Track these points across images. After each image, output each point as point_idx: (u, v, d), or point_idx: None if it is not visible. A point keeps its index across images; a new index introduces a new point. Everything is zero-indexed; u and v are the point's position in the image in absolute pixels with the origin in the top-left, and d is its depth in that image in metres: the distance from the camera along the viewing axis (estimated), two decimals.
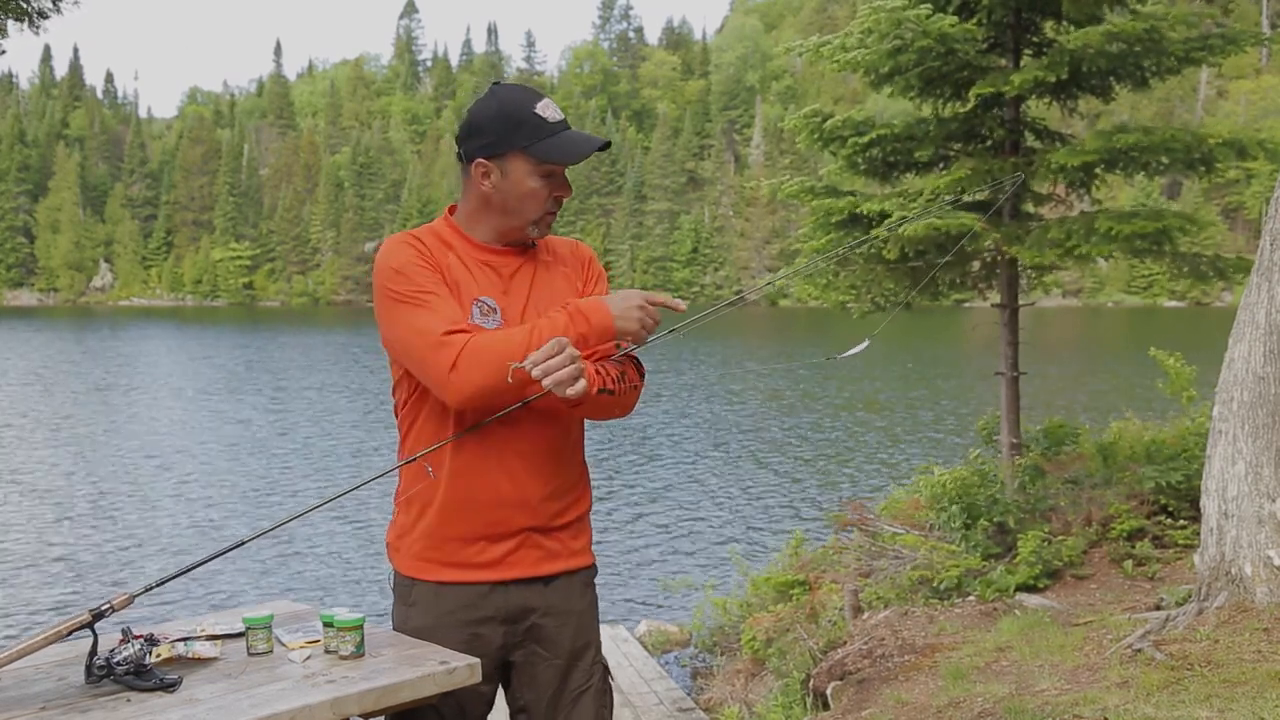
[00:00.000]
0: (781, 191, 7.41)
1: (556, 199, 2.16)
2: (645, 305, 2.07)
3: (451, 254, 2.14)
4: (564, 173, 2.15)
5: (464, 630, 2.15)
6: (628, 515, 13.17)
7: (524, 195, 2.12)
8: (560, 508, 2.20)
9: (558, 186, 2.14)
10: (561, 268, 2.25)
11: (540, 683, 2.22)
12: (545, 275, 2.22)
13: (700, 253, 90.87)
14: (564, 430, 2.19)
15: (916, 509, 7.76)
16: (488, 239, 2.18)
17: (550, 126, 2.10)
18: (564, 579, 2.22)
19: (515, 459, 2.13)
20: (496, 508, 2.13)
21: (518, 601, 2.18)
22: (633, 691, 6.32)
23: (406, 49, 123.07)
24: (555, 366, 1.89)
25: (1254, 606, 4.03)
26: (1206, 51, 6.57)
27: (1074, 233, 6.38)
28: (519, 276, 2.18)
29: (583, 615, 2.25)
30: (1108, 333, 48.98)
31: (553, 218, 2.19)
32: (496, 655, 2.18)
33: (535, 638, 2.21)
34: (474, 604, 2.16)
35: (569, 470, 2.22)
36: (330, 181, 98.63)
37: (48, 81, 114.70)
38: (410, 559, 2.21)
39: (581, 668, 2.24)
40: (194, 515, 13.33)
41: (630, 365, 2.15)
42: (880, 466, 16.08)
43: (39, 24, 6.04)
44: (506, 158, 2.10)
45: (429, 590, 2.18)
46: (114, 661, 1.85)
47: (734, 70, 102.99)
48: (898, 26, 6.36)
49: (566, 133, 2.12)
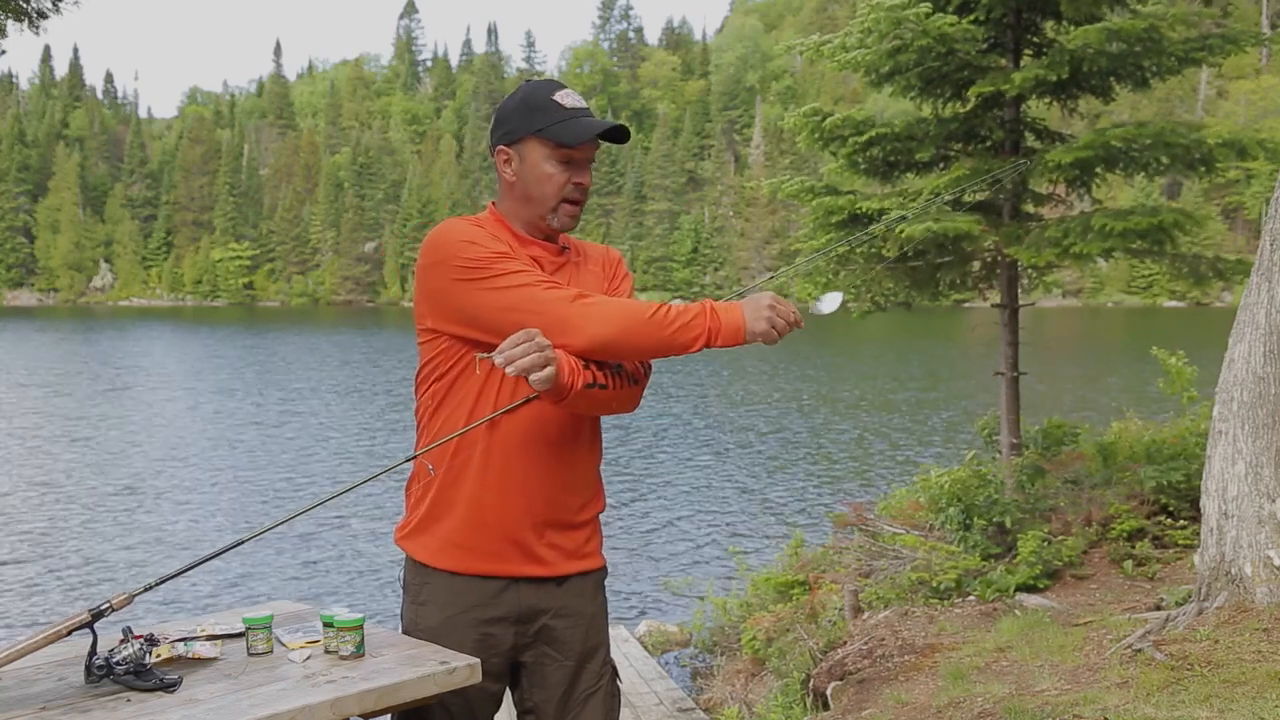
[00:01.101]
0: (781, 191, 7.40)
1: (576, 185, 2.16)
2: (775, 305, 2.09)
3: (502, 243, 2.17)
4: (585, 160, 2.16)
5: (475, 629, 2.15)
6: (628, 515, 13.17)
7: (540, 179, 2.14)
8: (578, 506, 2.21)
9: (576, 173, 2.15)
10: (591, 267, 2.28)
11: (550, 684, 2.22)
12: (578, 275, 2.23)
13: (700, 253, 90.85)
14: (584, 429, 2.20)
15: (916, 509, 7.77)
16: (525, 232, 2.21)
17: (566, 112, 2.12)
18: (577, 580, 2.23)
19: (539, 454, 2.14)
20: (518, 501, 2.13)
21: (530, 601, 2.18)
22: (633, 691, 6.32)
23: (406, 49, 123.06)
24: (519, 355, 1.88)
25: (1254, 606, 4.03)
26: (1206, 51, 6.56)
27: (1071, 231, 6.37)
28: (560, 274, 2.20)
29: (594, 617, 2.26)
30: (1108, 333, 48.97)
31: (574, 208, 2.19)
32: (507, 655, 2.19)
33: (546, 639, 2.21)
34: (486, 603, 2.16)
35: (587, 470, 2.24)
36: (330, 181, 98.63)
37: (48, 81, 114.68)
38: (429, 547, 2.19)
39: (591, 669, 2.25)
40: (194, 515, 13.33)
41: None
42: (880, 466, 16.08)
43: (39, 24, 6.04)
44: (524, 143, 2.14)
45: (443, 584, 2.17)
46: (114, 661, 1.85)
47: (734, 70, 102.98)
48: (897, 26, 6.35)
49: (581, 118, 2.13)
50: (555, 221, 2.18)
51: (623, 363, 2.11)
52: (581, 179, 2.16)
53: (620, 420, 19.42)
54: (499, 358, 1.89)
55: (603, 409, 2.15)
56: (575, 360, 2.01)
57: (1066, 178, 6.75)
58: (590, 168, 2.19)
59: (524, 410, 2.09)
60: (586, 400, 2.05)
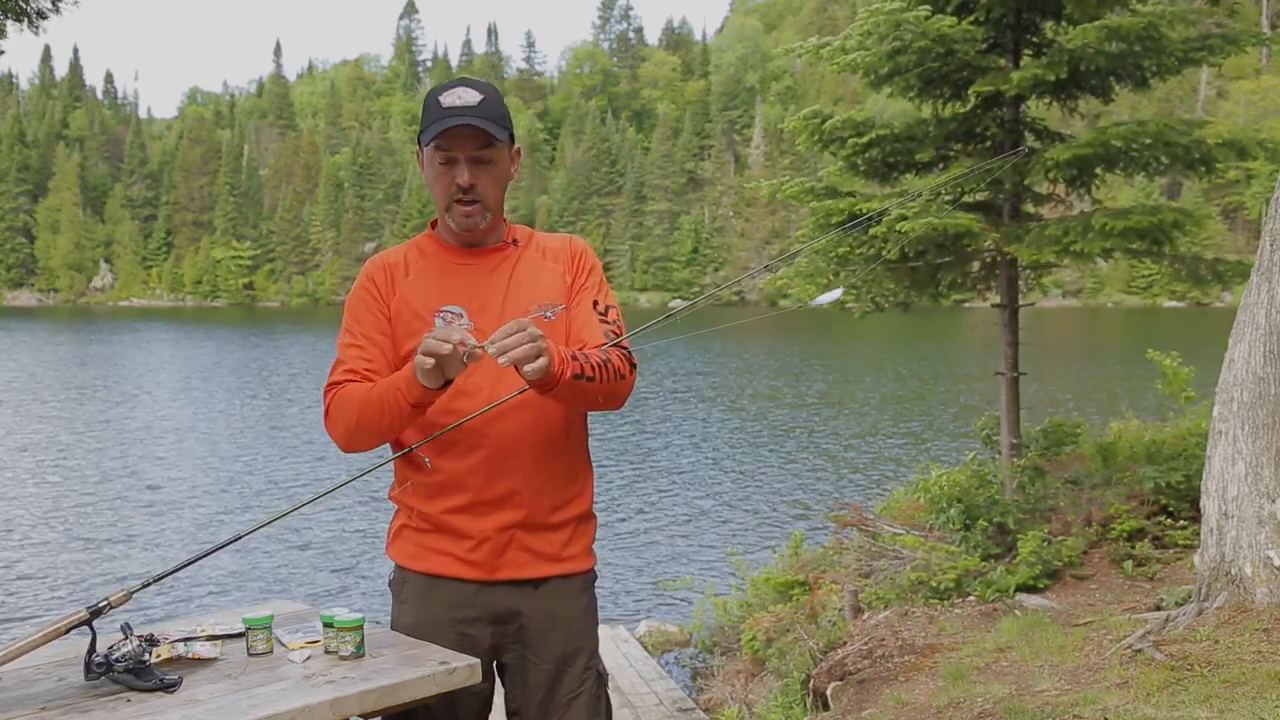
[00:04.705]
0: (781, 192, 7.40)
1: (459, 187, 2.12)
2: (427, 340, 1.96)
3: (419, 267, 2.20)
4: (469, 159, 2.11)
5: (453, 629, 2.15)
6: (628, 515, 13.17)
7: (431, 182, 2.18)
8: (553, 505, 2.19)
9: (458, 172, 2.11)
10: (550, 264, 2.24)
11: (530, 686, 2.21)
12: (528, 273, 2.21)
13: (700, 253, 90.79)
14: (559, 427, 2.18)
15: (916, 510, 7.76)
16: (453, 239, 2.22)
17: (441, 112, 2.09)
18: (556, 583, 2.21)
19: (508, 453, 2.13)
20: (486, 501, 2.13)
21: (505, 603, 2.18)
22: (633, 691, 6.31)
23: (406, 49, 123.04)
24: (512, 344, 1.87)
25: (1254, 607, 4.03)
26: (1206, 51, 6.56)
27: (1070, 229, 6.37)
28: (496, 275, 2.19)
29: (573, 622, 2.22)
30: (1108, 333, 48.97)
31: (465, 208, 2.14)
32: (487, 655, 2.18)
33: (523, 641, 2.20)
34: (462, 603, 2.16)
35: (564, 468, 2.21)
36: (330, 182, 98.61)
37: (48, 81, 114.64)
38: (403, 550, 2.23)
39: (572, 674, 2.22)
40: (194, 513, 13.33)
41: (616, 355, 2.12)
42: (880, 466, 16.08)
43: (39, 24, 6.05)
44: (422, 149, 2.17)
45: (420, 585, 2.19)
46: (113, 659, 1.85)
47: (734, 71, 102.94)
48: (897, 28, 6.36)
49: (449, 117, 2.07)
50: (453, 223, 2.17)
51: (609, 356, 2.09)
52: (460, 178, 2.11)
53: (621, 420, 19.43)
54: (492, 348, 1.88)
55: (589, 403, 2.12)
56: (564, 350, 2.00)
57: (1066, 177, 6.74)
58: (478, 166, 2.11)
59: (496, 412, 2.09)
60: (573, 391, 2.02)
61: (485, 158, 2.12)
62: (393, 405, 2.02)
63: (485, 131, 2.08)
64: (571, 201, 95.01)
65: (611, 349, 2.12)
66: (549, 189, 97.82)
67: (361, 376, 2.13)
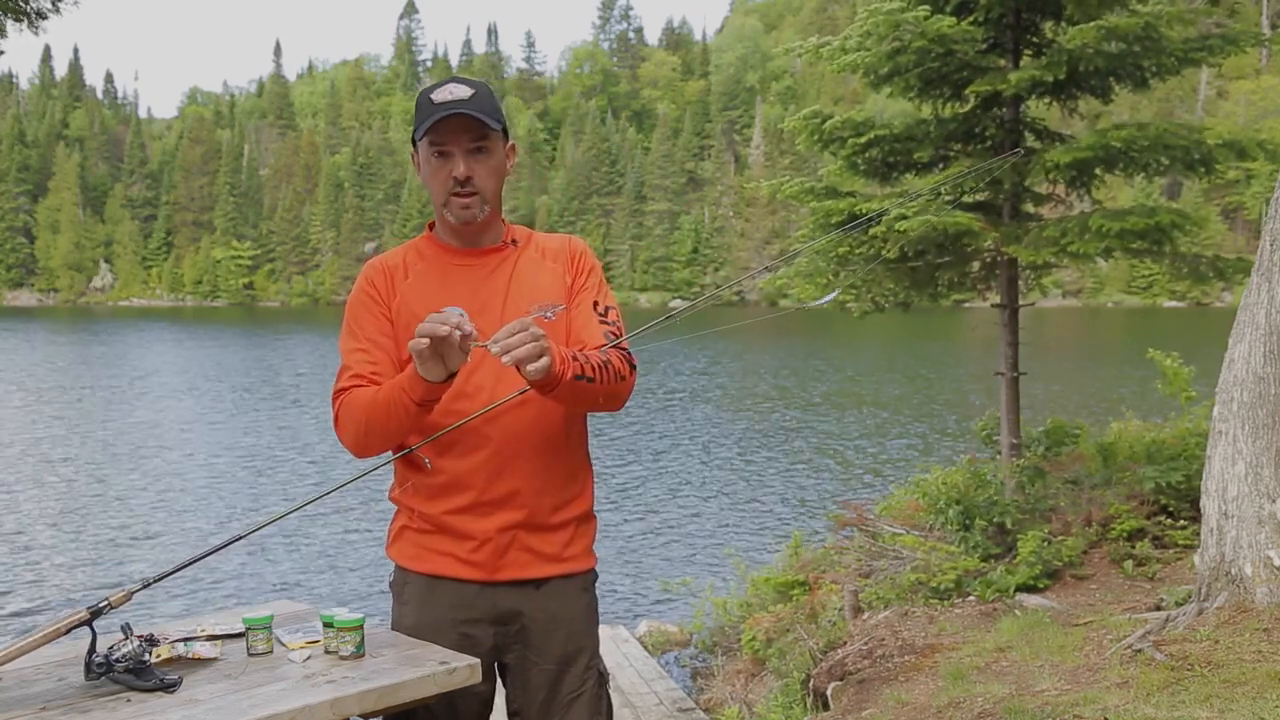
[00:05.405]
0: (781, 192, 7.40)
1: (453, 178, 2.13)
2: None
3: (419, 269, 2.20)
4: (463, 151, 2.11)
5: (454, 630, 2.15)
6: (628, 515, 13.17)
7: (428, 178, 2.18)
8: (554, 505, 2.19)
9: (453, 165, 2.12)
10: (550, 264, 2.24)
11: (531, 687, 2.21)
12: (528, 273, 2.21)
13: (700, 253, 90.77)
14: (559, 426, 2.18)
15: (916, 510, 7.76)
16: (452, 240, 2.22)
17: (434, 108, 2.10)
18: (557, 583, 2.21)
19: (510, 454, 2.13)
20: (488, 502, 2.13)
21: (507, 604, 2.18)
22: (633, 691, 6.32)
23: (406, 49, 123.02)
24: (516, 344, 1.87)
25: (1254, 607, 4.03)
26: (1206, 52, 6.56)
27: (1069, 230, 6.37)
28: (496, 275, 2.20)
29: (575, 622, 2.23)
30: (1108, 333, 48.97)
31: (463, 200, 2.14)
32: (489, 656, 2.18)
33: (524, 641, 2.20)
34: (463, 604, 2.16)
35: (564, 468, 2.21)
36: (330, 182, 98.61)
37: (48, 81, 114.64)
38: (404, 551, 2.23)
39: (573, 674, 2.22)
40: (195, 514, 13.33)
41: (616, 356, 2.12)
42: (881, 466, 16.07)
43: (39, 24, 6.04)
44: (417, 147, 2.18)
45: (421, 586, 2.19)
46: (113, 659, 1.85)
47: (734, 70, 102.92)
48: (896, 29, 6.36)
49: (441, 111, 2.09)
50: (451, 216, 2.17)
51: (610, 357, 2.09)
52: (456, 170, 2.12)
53: (621, 420, 19.43)
54: (495, 347, 1.88)
55: (590, 403, 2.12)
56: (565, 351, 2.00)
57: (1066, 178, 6.75)
58: (474, 157, 2.12)
59: (497, 413, 2.09)
60: (574, 392, 2.02)
61: (481, 148, 2.13)
62: (399, 406, 2.01)
63: (480, 122, 2.09)
64: (571, 201, 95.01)
65: (612, 350, 2.12)
66: (549, 189, 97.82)
67: (368, 380, 2.13)
